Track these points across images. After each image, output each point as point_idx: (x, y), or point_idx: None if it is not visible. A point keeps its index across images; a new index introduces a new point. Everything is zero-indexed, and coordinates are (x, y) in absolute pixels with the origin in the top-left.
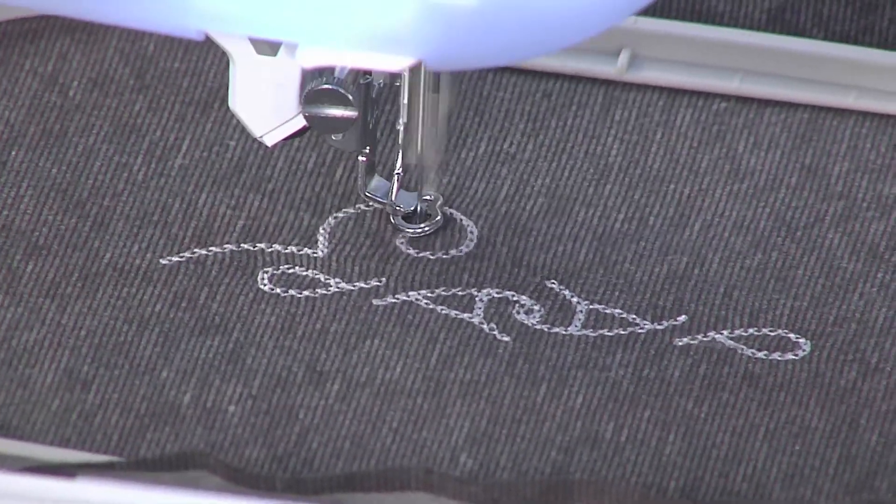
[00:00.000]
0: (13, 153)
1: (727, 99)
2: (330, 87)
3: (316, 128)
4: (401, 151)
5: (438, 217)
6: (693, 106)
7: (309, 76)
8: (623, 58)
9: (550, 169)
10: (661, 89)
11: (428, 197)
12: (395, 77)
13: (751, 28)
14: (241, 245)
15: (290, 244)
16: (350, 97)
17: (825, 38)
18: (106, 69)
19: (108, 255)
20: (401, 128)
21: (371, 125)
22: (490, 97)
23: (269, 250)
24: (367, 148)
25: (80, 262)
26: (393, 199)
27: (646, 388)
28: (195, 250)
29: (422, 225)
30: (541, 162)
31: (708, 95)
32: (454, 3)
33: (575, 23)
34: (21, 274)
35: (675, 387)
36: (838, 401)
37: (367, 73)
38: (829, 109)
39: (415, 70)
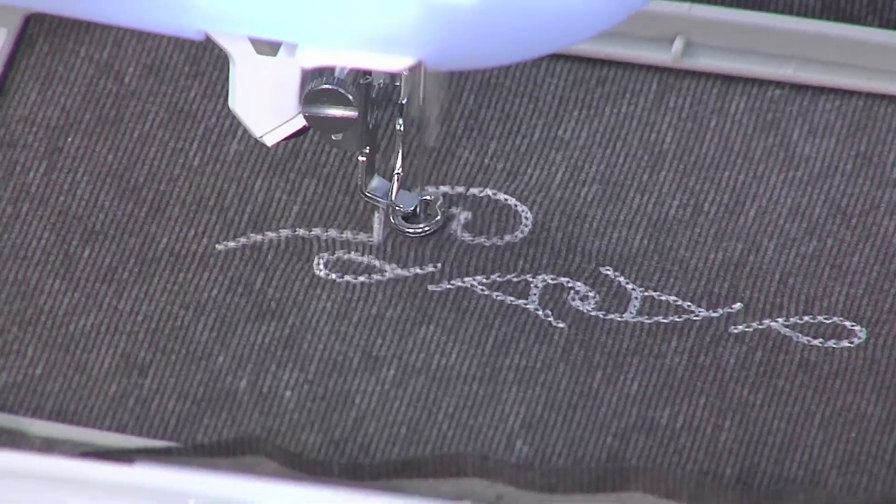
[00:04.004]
0: (69, 139)
1: (782, 86)
2: (330, 87)
3: (316, 128)
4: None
5: (438, 217)
6: (747, 93)
7: (309, 76)
8: (677, 45)
9: (605, 155)
10: (715, 76)
11: (428, 197)
12: (395, 77)
13: (805, 15)
14: (297, 230)
15: (345, 229)
16: (350, 97)
17: (879, 26)
18: (161, 56)
19: (164, 241)
20: (400, 128)
21: (371, 125)
22: (544, 84)
23: (325, 236)
24: (367, 148)
25: (137, 248)
26: (393, 199)
27: (701, 375)
28: (251, 235)
29: (422, 225)
30: (595, 148)
31: (762, 83)
32: (454, 3)
33: (574, 23)
34: (78, 259)
35: (731, 374)
36: (894, 388)
37: (367, 73)
38: (883, 97)
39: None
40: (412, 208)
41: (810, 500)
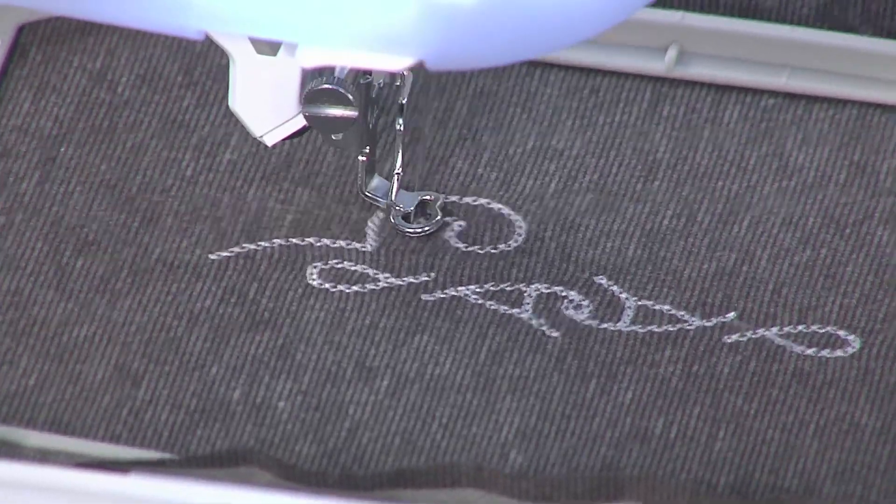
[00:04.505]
0: (63, 149)
1: (775, 95)
2: (330, 87)
3: (316, 128)
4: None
5: (438, 217)
6: (741, 102)
7: (309, 76)
8: (671, 54)
9: (598, 165)
10: (709, 86)
11: (428, 197)
12: (395, 77)
13: (799, 24)
14: (290, 240)
15: (338, 238)
16: (350, 97)
17: (873, 35)
18: (154, 65)
19: (157, 251)
20: (400, 128)
21: (371, 125)
22: (538, 93)
23: (318, 245)
24: (367, 148)
25: (130, 258)
26: (393, 199)
27: (695, 384)
28: (244, 245)
29: (422, 225)
30: (589, 158)
31: (756, 92)
32: (454, 3)
33: (574, 23)
34: (71, 270)
35: (725, 383)
36: (888, 398)
37: (367, 73)
38: (877, 106)
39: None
40: (412, 208)
41: None
